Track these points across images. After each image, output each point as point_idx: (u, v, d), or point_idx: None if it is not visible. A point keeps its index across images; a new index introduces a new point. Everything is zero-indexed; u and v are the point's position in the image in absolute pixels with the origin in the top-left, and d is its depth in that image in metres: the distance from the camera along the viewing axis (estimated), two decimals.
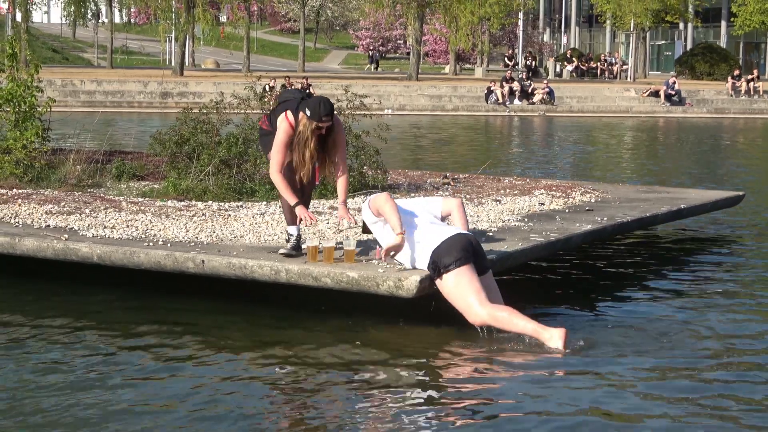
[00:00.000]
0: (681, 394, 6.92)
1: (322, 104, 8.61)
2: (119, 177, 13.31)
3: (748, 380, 7.29)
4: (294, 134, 8.72)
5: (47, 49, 71.75)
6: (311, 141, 8.63)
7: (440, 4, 53.79)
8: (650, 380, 7.20)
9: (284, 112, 8.81)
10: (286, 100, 8.98)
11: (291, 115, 8.77)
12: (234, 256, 8.80)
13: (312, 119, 8.59)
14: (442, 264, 8.05)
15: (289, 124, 8.75)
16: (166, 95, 44.36)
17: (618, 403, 6.73)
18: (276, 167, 8.74)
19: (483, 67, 63.83)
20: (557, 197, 12.56)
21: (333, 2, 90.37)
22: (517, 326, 7.93)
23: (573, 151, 28.15)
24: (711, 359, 7.74)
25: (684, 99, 48.06)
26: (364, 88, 39.64)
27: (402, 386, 7.10)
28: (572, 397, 6.82)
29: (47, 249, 9.35)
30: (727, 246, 12.68)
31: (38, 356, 7.57)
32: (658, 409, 6.64)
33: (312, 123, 8.60)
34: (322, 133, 8.67)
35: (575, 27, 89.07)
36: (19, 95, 13.32)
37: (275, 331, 8.35)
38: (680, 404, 6.74)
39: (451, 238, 8.14)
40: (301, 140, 8.66)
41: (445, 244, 8.10)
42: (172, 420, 6.36)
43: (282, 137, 8.74)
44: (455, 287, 8.04)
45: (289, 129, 8.74)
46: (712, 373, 7.39)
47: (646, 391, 6.98)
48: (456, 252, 8.05)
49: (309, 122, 8.60)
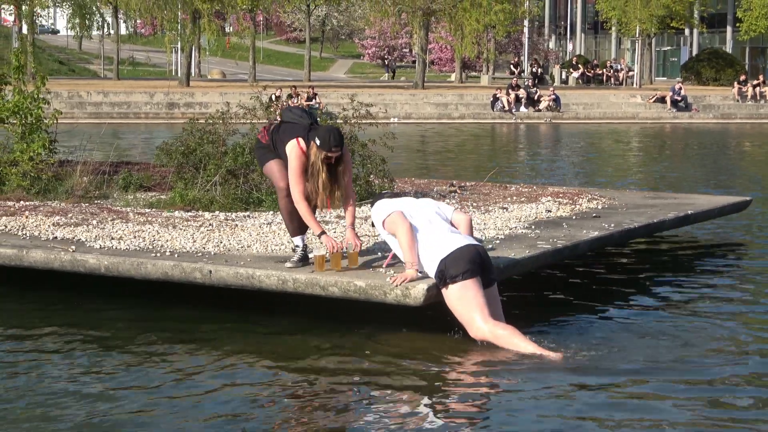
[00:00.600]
0: (689, 402, 6.91)
1: (332, 135, 8.68)
2: (126, 188, 13.32)
3: (758, 385, 7.29)
4: (306, 160, 8.76)
5: (53, 61, 71.87)
6: (323, 170, 8.70)
7: (445, 12, 53.80)
8: (656, 389, 7.19)
9: (296, 138, 8.84)
10: (293, 123, 9.01)
11: (303, 141, 8.82)
12: (241, 266, 8.81)
13: (322, 149, 8.65)
14: (449, 274, 8.04)
15: (301, 150, 8.79)
16: (173, 106, 44.41)
17: (623, 411, 6.73)
18: (299, 195, 8.76)
19: (489, 75, 63.83)
20: (564, 204, 12.55)
21: (338, 11, 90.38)
22: (517, 346, 7.91)
23: (580, 157, 28.13)
24: (719, 367, 7.72)
25: (690, 105, 48.04)
26: (370, 96, 39.70)
27: (407, 394, 7.10)
28: (577, 408, 6.80)
29: (55, 261, 9.36)
30: (734, 251, 12.67)
31: (44, 367, 7.58)
32: (661, 418, 6.63)
33: (322, 153, 8.66)
34: (332, 162, 8.73)
35: (581, 34, 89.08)
36: (26, 107, 13.34)
37: (279, 340, 8.35)
38: (688, 412, 6.73)
39: (461, 249, 8.12)
40: (314, 170, 8.72)
41: (454, 255, 8.08)
42: (178, 427, 6.37)
43: (296, 164, 8.78)
44: (459, 299, 8.03)
45: (301, 155, 8.78)
46: (720, 381, 7.38)
47: (652, 399, 6.97)
48: (464, 264, 8.04)
49: (319, 151, 8.67)
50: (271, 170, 9.13)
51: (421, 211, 8.53)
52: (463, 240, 8.24)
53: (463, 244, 8.16)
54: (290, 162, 8.80)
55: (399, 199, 8.74)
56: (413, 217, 8.44)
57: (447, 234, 8.30)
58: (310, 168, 8.74)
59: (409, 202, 8.67)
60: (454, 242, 8.19)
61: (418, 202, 8.71)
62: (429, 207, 8.65)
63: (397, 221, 8.34)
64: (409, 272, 8.18)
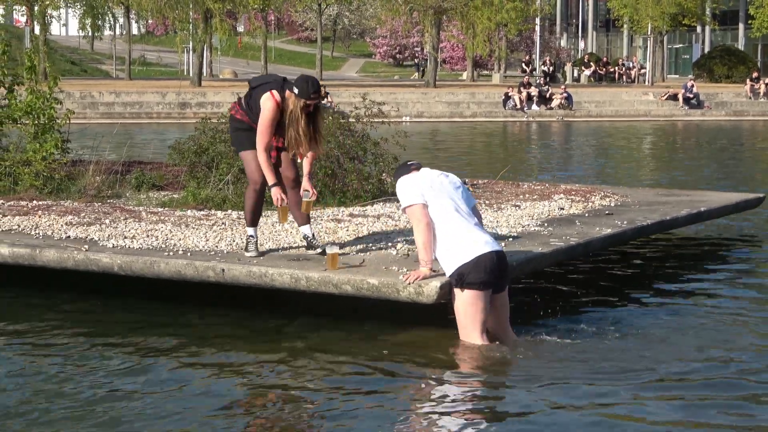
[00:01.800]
0: (701, 402, 6.91)
1: (310, 82, 8.87)
2: (139, 187, 13.33)
3: None
4: (280, 113, 8.88)
5: (66, 62, 71.90)
6: (302, 119, 8.83)
7: (457, 10, 53.74)
8: (667, 388, 7.18)
9: (269, 91, 8.94)
10: (265, 83, 9.13)
11: (277, 93, 8.92)
12: (254, 264, 8.82)
13: (300, 97, 8.79)
14: (468, 280, 7.91)
15: (275, 102, 8.90)
16: (185, 106, 44.43)
17: (635, 409, 6.72)
18: (262, 145, 8.91)
19: (500, 73, 63.78)
20: (577, 202, 12.53)
21: (350, 11, 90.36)
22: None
23: (592, 155, 28.11)
24: (728, 366, 7.72)
25: (702, 102, 47.93)
26: (381, 95, 39.69)
27: (418, 390, 7.11)
28: (588, 409, 6.80)
29: (68, 260, 9.37)
30: (748, 248, 12.64)
31: (53, 365, 7.61)
32: (670, 418, 6.62)
33: (300, 101, 8.80)
34: (311, 110, 8.87)
35: (592, 31, 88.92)
36: (39, 107, 13.38)
37: (290, 337, 8.36)
38: (701, 414, 6.73)
39: (484, 257, 7.93)
40: (292, 119, 8.83)
41: (477, 261, 7.92)
42: (186, 423, 6.39)
43: (268, 115, 8.89)
44: (468, 306, 7.95)
45: (275, 107, 8.90)
46: (732, 380, 7.37)
47: (661, 398, 6.96)
48: (484, 274, 7.89)
49: (297, 100, 8.80)
50: (247, 160, 9.20)
51: (447, 193, 8.22)
52: (486, 246, 8.00)
53: (486, 252, 7.96)
54: (263, 113, 8.91)
55: (424, 179, 8.27)
56: (438, 198, 8.13)
57: (472, 232, 8.05)
58: (288, 117, 8.84)
59: (435, 183, 8.25)
60: (478, 247, 7.97)
61: (444, 182, 8.33)
62: (456, 189, 8.33)
63: (416, 216, 8.10)
64: (422, 270, 8.15)
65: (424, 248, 8.12)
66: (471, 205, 8.35)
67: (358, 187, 12.52)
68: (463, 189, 8.41)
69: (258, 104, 8.97)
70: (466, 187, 8.50)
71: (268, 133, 8.90)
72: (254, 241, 9.22)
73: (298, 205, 9.21)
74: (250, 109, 9.08)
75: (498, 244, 8.20)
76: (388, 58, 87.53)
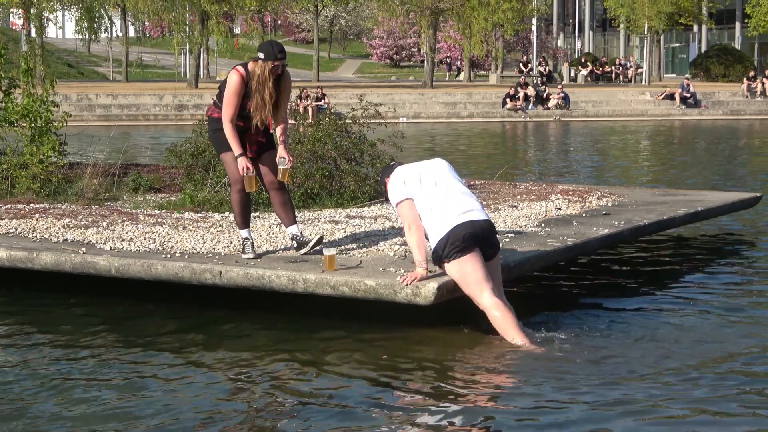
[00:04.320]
0: (697, 403, 6.91)
1: (274, 44, 9.00)
2: (136, 190, 13.34)
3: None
4: (245, 85, 8.94)
5: (62, 64, 71.88)
6: (269, 81, 8.90)
7: (453, 11, 53.73)
8: (664, 388, 7.18)
9: (234, 68, 9.05)
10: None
11: (241, 68, 9.02)
12: (251, 266, 8.82)
13: (268, 60, 8.87)
14: (444, 255, 8.08)
15: (240, 75, 8.98)
16: (182, 107, 44.43)
17: (629, 410, 6.73)
18: (228, 117, 8.98)
19: (498, 74, 63.77)
20: (574, 202, 12.54)
21: (346, 12, 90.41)
22: (505, 334, 8.00)
23: (589, 155, 28.11)
24: (730, 364, 7.72)
25: (699, 101, 47.93)
26: (378, 96, 39.70)
27: (418, 394, 7.11)
28: (585, 412, 6.80)
29: (65, 263, 9.37)
30: (745, 248, 12.65)
31: (51, 366, 7.61)
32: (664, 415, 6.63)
33: (268, 63, 8.88)
34: (279, 72, 8.93)
35: (589, 31, 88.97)
36: (35, 110, 13.37)
37: (288, 339, 8.36)
38: (698, 414, 6.73)
39: (457, 228, 8.05)
40: (259, 83, 8.92)
41: (448, 235, 8.05)
42: (185, 424, 6.39)
43: (233, 87, 8.96)
44: (459, 277, 8.10)
45: (240, 80, 8.97)
46: (735, 381, 7.37)
47: (659, 398, 6.96)
48: (459, 242, 8.02)
49: (264, 64, 8.89)
50: (227, 162, 9.24)
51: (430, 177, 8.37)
52: (460, 218, 8.11)
53: (459, 223, 8.07)
54: (228, 85, 8.99)
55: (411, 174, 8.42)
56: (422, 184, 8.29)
57: (447, 207, 8.15)
58: (256, 82, 8.91)
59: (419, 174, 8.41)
60: (451, 220, 8.09)
61: (428, 168, 8.51)
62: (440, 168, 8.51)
63: (404, 215, 8.28)
64: (419, 271, 8.17)
65: (416, 248, 8.18)
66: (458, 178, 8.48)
67: (355, 188, 12.53)
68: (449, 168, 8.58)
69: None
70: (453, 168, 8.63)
71: (232, 104, 8.97)
72: (250, 243, 9.22)
73: (283, 206, 9.27)
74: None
75: (480, 213, 8.22)
76: (385, 59, 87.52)
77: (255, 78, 8.92)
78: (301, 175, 12.38)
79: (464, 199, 8.26)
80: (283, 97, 9.10)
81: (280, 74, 8.99)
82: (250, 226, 9.43)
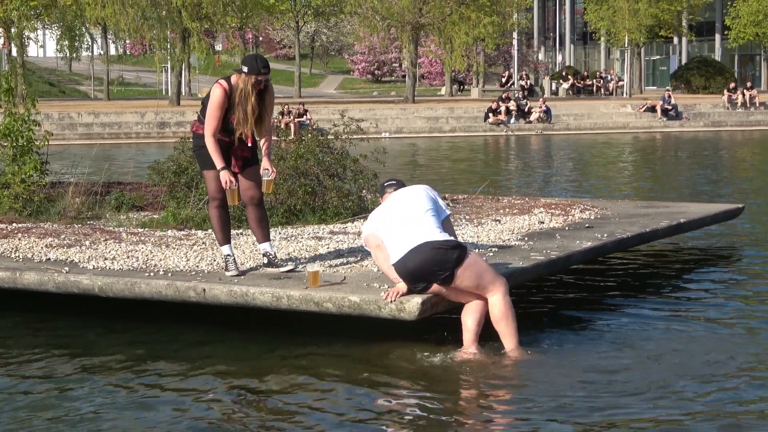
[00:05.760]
0: (680, 413, 6.92)
1: (258, 59, 8.99)
2: (118, 208, 13.30)
3: (750, 396, 7.30)
4: (228, 99, 8.94)
5: (43, 83, 71.79)
6: (252, 96, 8.89)
7: (434, 26, 53.86)
8: (649, 399, 7.20)
9: (217, 81, 9.06)
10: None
11: (224, 82, 9.02)
12: (235, 283, 8.81)
13: (251, 74, 8.87)
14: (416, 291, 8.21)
15: (223, 88, 8.98)
16: (164, 125, 44.39)
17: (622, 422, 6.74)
18: (210, 130, 8.99)
19: (479, 88, 63.90)
20: (557, 215, 12.55)
21: (327, 28, 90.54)
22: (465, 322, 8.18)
23: (571, 168, 28.18)
24: (711, 376, 7.74)
25: (681, 113, 48.11)
26: (360, 112, 39.78)
27: (402, 406, 7.11)
28: (577, 424, 6.81)
29: (48, 282, 9.34)
30: (727, 259, 12.68)
31: (32, 386, 7.59)
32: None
33: (251, 78, 8.87)
34: (261, 87, 8.93)
35: (570, 45, 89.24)
36: (17, 129, 13.32)
37: (272, 355, 8.35)
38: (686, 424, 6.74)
39: (402, 270, 8.18)
40: (242, 97, 8.91)
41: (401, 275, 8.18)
42: None
43: (216, 101, 8.97)
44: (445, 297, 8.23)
45: (222, 93, 8.97)
46: (725, 392, 7.38)
47: (638, 408, 6.97)
48: (411, 284, 8.16)
49: (248, 78, 8.88)
50: (209, 178, 9.25)
51: (399, 212, 8.40)
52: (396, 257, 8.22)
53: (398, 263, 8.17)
54: (211, 99, 8.99)
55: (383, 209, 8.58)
56: (390, 224, 8.37)
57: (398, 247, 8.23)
58: (239, 96, 8.90)
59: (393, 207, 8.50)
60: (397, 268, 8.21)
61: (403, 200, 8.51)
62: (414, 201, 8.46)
63: (368, 244, 8.56)
64: (399, 286, 8.18)
65: (387, 272, 8.34)
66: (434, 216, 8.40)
67: (338, 204, 12.52)
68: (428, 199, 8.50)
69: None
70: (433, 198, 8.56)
71: (215, 117, 8.97)
72: (232, 260, 9.21)
73: (259, 223, 9.28)
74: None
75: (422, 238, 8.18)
76: (367, 74, 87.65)
77: (238, 91, 8.92)
78: (284, 192, 12.37)
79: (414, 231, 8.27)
80: (266, 111, 9.10)
81: (263, 88, 9.00)
82: (232, 243, 9.42)
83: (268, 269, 9.26)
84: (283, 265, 9.22)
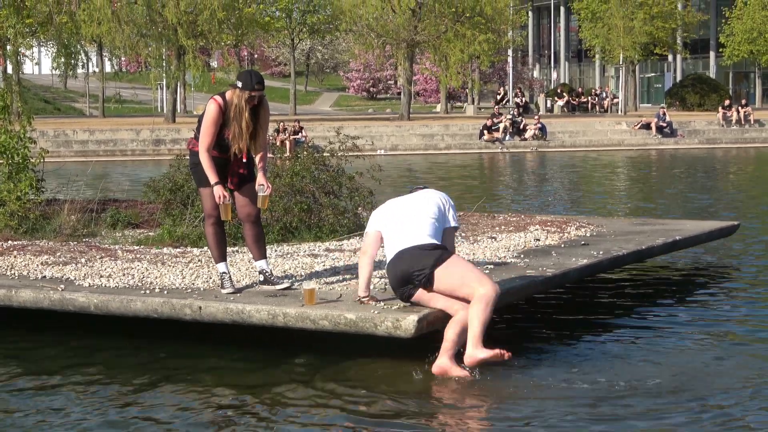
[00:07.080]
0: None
1: (253, 75, 9.03)
2: (114, 226, 13.29)
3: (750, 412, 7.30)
4: (223, 115, 8.96)
5: (39, 100, 71.81)
6: (246, 111, 8.92)
7: (429, 43, 53.95)
8: (641, 415, 7.19)
9: (212, 97, 9.08)
10: None
11: (219, 97, 9.05)
12: (231, 301, 8.80)
13: (245, 89, 8.90)
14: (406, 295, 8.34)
15: (217, 104, 9.01)
16: (159, 142, 44.41)
17: None
18: (205, 146, 9.00)
19: (474, 105, 63.96)
20: (552, 233, 12.55)
21: (323, 45, 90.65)
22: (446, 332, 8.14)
23: (567, 186, 28.19)
24: (707, 391, 7.74)
25: (675, 130, 48.18)
26: (356, 129, 39.78)
27: (400, 426, 7.10)
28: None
29: (44, 300, 9.33)
30: (723, 276, 12.68)
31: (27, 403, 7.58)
32: None
33: (245, 93, 8.90)
34: (255, 103, 8.96)
35: (565, 62, 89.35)
36: (12, 147, 13.31)
37: (268, 373, 8.34)
38: None
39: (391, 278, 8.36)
40: (236, 113, 8.93)
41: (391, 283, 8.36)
42: None
43: (210, 116, 8.99)
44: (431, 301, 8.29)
45: (217, 109, 8.99)
46: (719, 410, 7.38)
47: (628, 424, 6.97)
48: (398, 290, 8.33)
49: (242, 93, 8.91)
50: (204, 196, 9.26)
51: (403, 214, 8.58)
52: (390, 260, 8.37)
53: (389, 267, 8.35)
54: (205, 114, 9.01)
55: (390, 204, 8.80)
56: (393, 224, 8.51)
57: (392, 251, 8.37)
58: (233, 111, 8.94)
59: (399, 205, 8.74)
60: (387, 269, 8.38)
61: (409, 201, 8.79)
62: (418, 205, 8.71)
63: (364, 243, 8.62)
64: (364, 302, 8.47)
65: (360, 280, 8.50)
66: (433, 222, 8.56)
67: (334, 221, 12.52)
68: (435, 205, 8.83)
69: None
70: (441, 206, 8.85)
71: (209, 134, 8.99)
72: (228, 277, 9.21)
73: (256, 240, 9.29)
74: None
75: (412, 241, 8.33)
76: (362, 91, 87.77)
77: (232, 107, 8.94)
78: (279, 209, 12.37)
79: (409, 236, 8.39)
80: (261, 127, 9.12)
81: (258, 104, 9.00)
82: (228, 260, 9.42)
83: (264, 287, 9.26)
84: (279, 283, 9.23)
